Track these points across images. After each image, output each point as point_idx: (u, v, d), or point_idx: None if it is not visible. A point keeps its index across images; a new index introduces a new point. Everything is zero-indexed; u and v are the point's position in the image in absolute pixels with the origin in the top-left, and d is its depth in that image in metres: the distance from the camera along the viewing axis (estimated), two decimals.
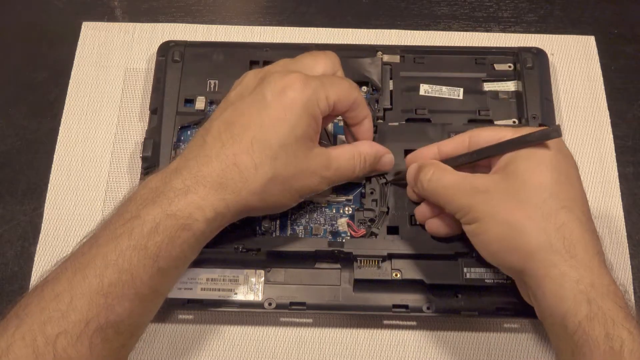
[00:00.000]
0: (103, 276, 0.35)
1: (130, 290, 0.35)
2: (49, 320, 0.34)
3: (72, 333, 0.34)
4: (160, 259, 0.36)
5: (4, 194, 0.52)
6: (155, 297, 0.38)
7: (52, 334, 0.34)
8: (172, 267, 0.37)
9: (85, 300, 0.34)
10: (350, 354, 0.47)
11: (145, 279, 0.36)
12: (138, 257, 0.36)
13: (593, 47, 0.57)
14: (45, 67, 0.57)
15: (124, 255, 0.36)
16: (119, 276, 0.35)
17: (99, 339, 0.34)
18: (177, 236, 0.37)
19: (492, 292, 0.45)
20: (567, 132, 0.54)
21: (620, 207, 0.51)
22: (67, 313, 0.34)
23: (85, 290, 0.35)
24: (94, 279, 0.35)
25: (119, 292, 0.35)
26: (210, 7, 0.60)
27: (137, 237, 0.36)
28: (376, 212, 0.47)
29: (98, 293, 0.35)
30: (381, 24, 0.59)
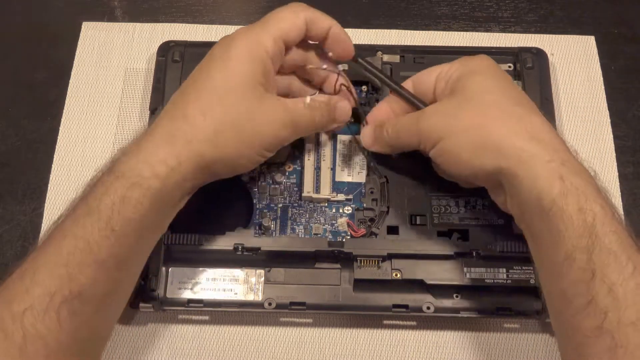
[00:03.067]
0: (61, 246, 0.35)
1: (89, 257, 0.35)
2: (14, 298, 0.34)
3: (38, 308, 0.33)
4: (113, 221, 0.35)
5: (4, 194, 0.52)
6: (119, 264, 0.37)
7: (18, 310, 0.33)
8: (129, 230, 0.36)
9: (47, 273, 0.34)
10: (350, 354, 0.47)
11: (101, 243, 0.35)
12: (91, 222, 0.35)
13: (593, 47, 0.57)
14: (45, 67, 0.57)
15: (77, 222, 0.35)
16: (76, 243, 0.35)
17: (66, 311, 0.34)
18: (128, 196, 0.36)
19: (492, 292, 0.45)
20: (567, 132, 0.54)
21: (621, 207, 0.51)
22: (31, 288, 0.34)
23: (45, 262, 0.35)
24: (52, 250, 0.35)
25: (78, 260, 0.35)
26: (210, 7, 0.60)
27: (90, 202, 0.36)
28: (376, 212, 0.47)
29: (58, 263, 0.34)
30: (381, 24, 0.59)
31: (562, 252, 0.35)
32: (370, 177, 0.49)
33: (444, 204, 0.47)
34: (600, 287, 0.33)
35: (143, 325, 0.47)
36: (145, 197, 0.36)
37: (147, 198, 0.36)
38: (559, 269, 0.35)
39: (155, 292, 0.44)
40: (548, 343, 0.46)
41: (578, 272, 0.34)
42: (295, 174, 0.49)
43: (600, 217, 0.34)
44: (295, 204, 0.48)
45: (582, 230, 0.34)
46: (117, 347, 0.46)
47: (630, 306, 0.32)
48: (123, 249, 0.37)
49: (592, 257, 0.33)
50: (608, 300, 0.32)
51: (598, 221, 0.34)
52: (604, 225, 0.34)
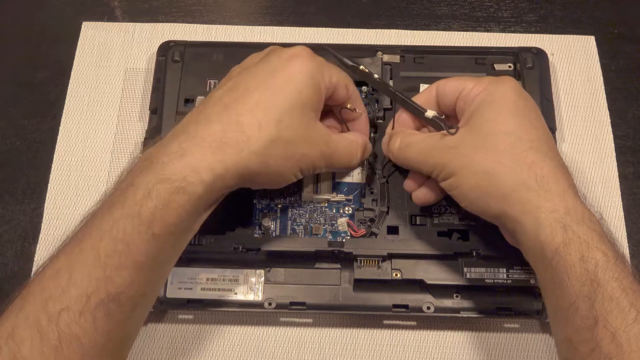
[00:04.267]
0: (99, 248, 0.34)
1: (128, 260, 0.35)
2: (50, 298, 0.33)
3: (74, 309, 0.33)
4: (154, 225, 0.35)
5: (4, 194, 0.52)
6: (155, 266, 0.37)
7: (54, 311, 0.33)
8: (168, 234, 0.36)
9: (84, 274, 0.34)
10: (350, 354, 0.47)
11: (141, 247, 0.35)
12: (132, 225, 0.35)
13: (593, 47, 0.57)
14: (45, 67, 0.57)
15: (117, 225, 0.35)
16: (114, 246, 0.34)
17: (102, 312, 0.34)
18: (172, 200, 0.35)
19: (492, 292, 0.45)
20: (567, 132, 0.54)
21: (620, 207, 0.51)
22: (67, 289, 0.34)
23: (82, 263, 0.34)
24: (90, 251, 0.34)
25: (116, 263, 0.34)
26: (210, 7, 0.60)
27: (130, 204, 0.35)
28: (376, 212, 0.47)
29: (96, 265, 0.34)
30: (381, 24, 0.59)
31: (566, 300, 0.35)
32: (370, 177, 0.48)
33: (444, 204, 0.47)
34: (603, 334, 0.33)
35: (143, 325, 0.47)
36: (188, 202, 0.36)
37: (190, 203, 0.36)
38: (563, 316, 0.36)
39: None
40: (548, 343, 0.46)
41: (582, 320, 0.34)
42: None
43: (602, 264, 0.35)
44: (295, 204, 0.48)
45: (584, 278, 0.35)
46: None
47: (635, 351, 0.32)
48: (161, 252, 0.36)
49: (594, 304, 0.34)
50: (612, 347, 0.33)
51: (600, 269, 0.34)
52: (606, 272, 0.34)
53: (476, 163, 0.39)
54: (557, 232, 0.36)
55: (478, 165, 0.39)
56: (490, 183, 0.39)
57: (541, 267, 0.37)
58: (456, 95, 0.43)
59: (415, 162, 0.43)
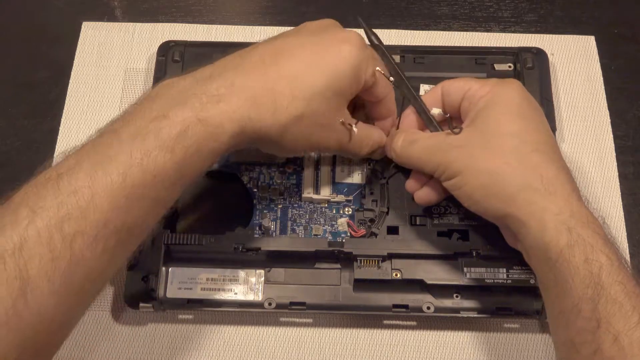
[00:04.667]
0: (126, 175, 0.33)
1: (151, 193, 0.34)
2: (67, 218, 0.32)
3: (89, 233, 0.32)
4: (184, 164, 0.35)
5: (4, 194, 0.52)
6: (168, 202, 0.36)
7: (69, 232, 0.32)
8: (191, 175, 0.36)
9: (107, 199, 0.32)
10: (350, 354, 0.47)
11: (167, 182, 0.34)
12: (164, 160, 0.34)
13: (593, 47, 0.57)
14: (45, 67, 0.57)
15: (149, 156, 0.34)
16: (143, 177, 0.33)
17: (114, 240, 0.33)
18: (204, 144, 0.35)
19: (492, 292, 0.45)
20: (567, 132, 0.54)
21: (620, 207, 0.51)
22: (86, 211, 0.32)
23: (107, 187, 0.33)
24: (116, 176, 0.33)
25: (140, 194, 0.34)
26: (210, 7, 0.60)
27: (165, 137, 0.34)
28: (376, 212, 0.47)
29: (120, 193, 0.33)
30: (381, 24, 0.59)
31: (569, 302, 0.35)
32: (370, 177, 0.48)
33: (444, 204, 0.47)
34: (605, 336, 0.33)
35: (143, 325, 0.47)
36: (218, 148, 0.36)
37: (217, 150, 0.36)
38: (566, 317, 0.36)
39: (155, 292, 0.44)
40: (548, 343, 0.46)
41: (584, 322, 0.34)
42: (295, 174, 0.49)
43: (606, 267, 0.35)
44: (295, 204, 0.48)
45: (588, 281, 0.35)
46: (117, 347, 0.46)
47: (637, 354, 0.33)
48: (177, 191, 0.36)
49: (597, 307, 0.34)
50: (614, 349, 0.33)
51: (604, 272, 0.35)
52: (610, 275, 0.35)
53: (482, 163, 0.39)
54: (562, 234, 0.36)
55: (483, 165, 0.39)
56: (496, 183, 0.39)
57: (544, 269, 0.38)
58: (461, 95, 0.43)
59: (418, 160, 0.43)
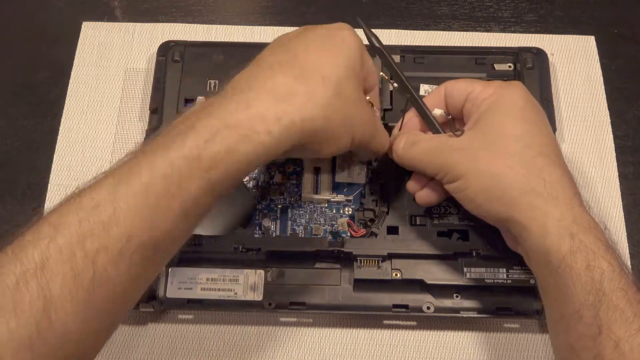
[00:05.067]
0: (149, 186, 0.31)
1: (177, 204, 0.32)
2: (90, 234, 0.30)
3: (113, 249, 0.31)
4: (213, 171, 0.33)
5: (4, 194, 0.52)
6: (198, 215, 0.34)
7: (91, 249, 0.30)
8: (223, 182, 0.33)
9: (129, 212, 0.31)
10: (350, 354, 0.47)
11: (193, 192, 0.32)
12: (190, 168, 0.32)
13: (593, 47, 0.57)
14: (45, 67, 0.57)
15: (173, 165, 0.32)
16: (167, 188, 0.32)
17: (139, 256, 0.32)
18: (236, 148, 0.33)
19: (492, 292, 0.45)
20: (567, 132, 0.54)
21: (620, 207, 0.51)
22: (108, 226, 0.31)
23: (129, 201, 0.31)
24: (139, 188, 0.31)
25: (165, 205, 0.32)
26: (210, 7, 0.60)
27: (191, 145, 0.32)
28: (376, 212, 0.47)
29: (144, 205, 0.31)
30: (381, 24, 0.59)
31: (570, 308, 0.35)
32: (370, 177, 0.48)
33: (444, 204, 0.47)
34: (606, 342, 0.33)
35: (143, 325, 0.47)
36: (253, 152, 0.34)
37: (254, 153, 0.34)
38: (566, 322, 0.36)
39: (155, 292, 0.44)
40: (548, 343, 0.46)
41: (585, 328, 0.35)
42: (296, 174, 0.49)
43: (607, 274, 0.35)
44: (295, 204, 0.48)
45: (589, 287, 0.35)
46: (117, 347, 0.46)
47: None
48: (207, 201, 0.34)
49: (599, 313, 0.34)
50: (614, 355, 0.33)
51: (605, 278, 0.35)
52: (612, 282, 0.35)
53: (484, 166, 0.39)
54: (564, 240, 0.36)
55: (486, 168, 0.39)
56: (498, 187, 0.38)
57: (545, 274, 0.38)
58: (464, 97, 0.42)
59: (420, 162, 0.42)
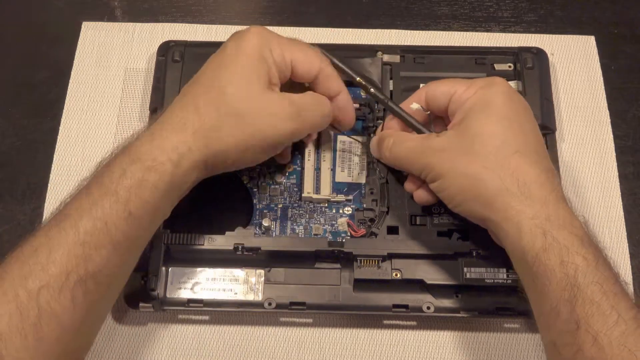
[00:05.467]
0: (78, 226, 0.35)
1: (106, 238, 0.36)
2: (30, 274, 0.34)
3: (53, 286, 0.34)
4: (131, 203, 0.36)
5: (4, 194, 0.52)
6: (131, 245, 0.38)
7: (33, 288, 0.33)
8: (143, 213, 0.37)
9: (64, 251, 0.35)
10: (350, 354, 0.47)
11: (119, 225, 0.36)
12: (110, 203, 0.36)
13: (593, 47, 0.57)
14: (45, 67, 0.57)
15: (96, 204, 0.36)
16: (94, 224, 0.35)
17: (80, 291, 0.35)
18: (145, 179, 0.37)
19: (492, 292, 0.45)
20: (567, 132, 0.54)
21: (620, 207, 0.51)
22: (46, 266, 0.34)
23: (62, 241, 0.35)
24: (70, 229, 0.35)
25: (95, 241, 0.35)
26: (210, 7, 0.60)
27: (107, 184, 0.37)
28: (376, 212, 0.47)
29: (75, 243, 0.35)
30: (381, 24, 0.59)
31: (548, 305, 0.36)
32: (370, 177, 0.48)
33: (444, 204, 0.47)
34: (585, 337, 0.34)
35: (143, 325, 0.47)
36: (160, 181, 0.38)
37: (162, 182, 0.38)
38: (546, 320, 0.37)
39: (155, 292, 0.44)
40: None
41: (563, 324, 0.35)
42: (295, 174, 0.49)
43: (582, 268, 0.35)
44: (295, 204, 0.48)
45: (564, 283, 0.35)
46: (117, 347, 0.46)
47: (617, 354, 0.33)
48: (137, 231, 0.38)
49: (575, 308, 0.34)
50: (594, 350, 0.33)
51: (580, 273, 0.35)
52: (586, 276, 0.35)
53: (462, 166, 0.40)
54: (537, 238, 0.36)
55: (463, 168, 0.39)
56: (475, 187, 0.39)
57: (524, 272, 0.38)
58: (448, 98, 0.43)
59: (406, 162, 0.43)
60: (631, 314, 0.34)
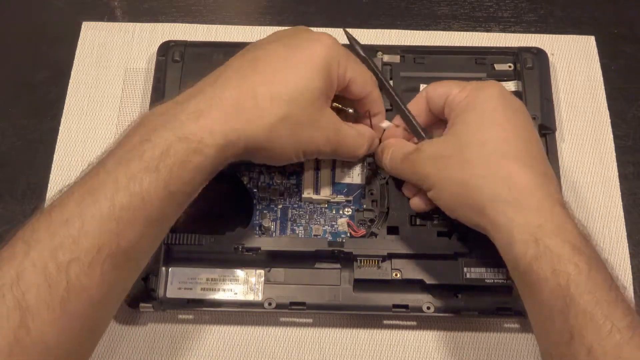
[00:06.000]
0: (114, 199, 0.34)
1: (142, 214, 0.34)
2: (60, 246, 0.33)
3: (84, 260, 0.33)
4: (171, 182, 0.35)
5: (4, 194, 0.52)
6: (164, 223, 0.37)
7: (63, 260, 0.32)
8: (182, 192, 0.36)
9: (97, 224, 0.33)
10: (350, 354, 0.47)
11: (156, 202, 0.35)
12: (149, 180, 0.35)
13: (593, 47, 0.57)
14: (45, 67, 0.57)
15: (135, 178, 0.34)
16: (130, 199, 0.34)
17: (110, 265, 0.34)
18: (189, 160, 0.36)
19: (492, 292, 0.45)
20: (567, 132, 0.54)
21: (620, 207, 0.51)
22: (78, 239, 0.33)
23: (96, 214, 0.33)
24: (104, 202, 0.34)
25: (131, 217, 0.34)
26: (210, 7, 0.60)
27: (148, 159, 0.35)
28: (376, 213, 0.47)
29: (109, 217, 0.34)
30: (381, 24, 0.59)
31: (542, 314, 0.36)
32: (370, 178, 0.48)
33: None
34: (580, 348, 0.33)
35: (143, 325, 0.47)
36: (203, 163, 0.36)
37: (204, 164, 0.37)
38: (541, 329, 0.36)
39: (155, 292, 0.44)
40: None
41: (558, 334, 0.34)
42: (295, 175, 0.49)
43: (574, 278, 0.34)
44: (295, 205, 0.48)
45: (557, 293, 0.34)
46: (117, 347, 0.46)
47: None
48: (172, 209, 0.37)
49: (568, 319, 0.34)
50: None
51: (572, 282, 0.34)
52: (578, 286, 0.34)
53: (453, 174, 0.39)
54: (529, 247, 0.36)
55: (456, 176, 0.39)
56: (466, 195, 0.39)
57: (518, 280, 0.38)
58: (443, 100, 0.43)
59: (402, 172, 0.44)
60: (625, 322, 0.33)
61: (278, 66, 0.39)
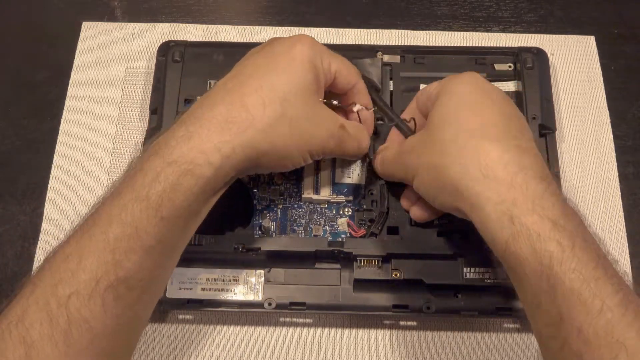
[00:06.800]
0: (108, 232, 0.34)
1: (136, 243, 0.35)
2: (60, 282, 0.34)
3: (83, 293, 0.33)
4: (163, 208, 0.35)
5: (4, 194, 0.52)
6: (165, 250, 0.36)
7: (63, 295, 0.33)
8: (177, 217, 0.36)
9: (93, 258, 0.34)
10: (350, 354, 0.47)
11: (149, 230, 0.35)
12: (140, 209, 0.35)
13: (593, 47, 0.57)
14: (45, 67, 0.57)
15: (126, 209, 0.35)
16: (123, 230, 0.34)
17: (111, 296, 0.34)
18: (179, 183, 0.35)
19: (492, 292, 0.45)
20: (567, 132, 0.54)
21: (620, 207, 0.51)
22: (76, 273, 0.34)
23: (92, 248, 0.34)
24: (100, 235, 0.34)
25: (125, 246, 0.34)
26: (210, 7, 0.60)
27: (139, 188, 0.35)
28: (376, 213, 0.47)
29: (105, 249, 0.34)
30: (381, 24, 0.59)
31: (529, 296, 0.34)
32: (370, 178, 0.48)
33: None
34: (570, 329, 0.32)
35: None
36: (196, 185, 0.36)
37: (198, 186, 0.36)
38: (530, 311, 0.35)
39: None
40: None
41: (546, 316, 0.33)
42: (296, 175, 0.49)
43: (557, 256, 0.33)
44: (295, 205, 0.48)
45: (540, 273, 0.33)
46: None
47: (604, 345, 0.31)
48: (169, 236, 0.36)
49: (555, 299, 0.32)
50: (580, 343, 0.31)
51: (555, 261, 0.32)
52: (562, 264, 0.32)
53: (427, 159, 0.40)
54: (504, 225, 0.34)
55: (430, 159, 0.39)
56: (440, 177, 0.38)
57: (500, 260, 0.36)
58: (426, 98, 0.43)
59: (392, 171, 0.44)
60: (616, 299, 0.31)
61: (264, 74, 0.39)
